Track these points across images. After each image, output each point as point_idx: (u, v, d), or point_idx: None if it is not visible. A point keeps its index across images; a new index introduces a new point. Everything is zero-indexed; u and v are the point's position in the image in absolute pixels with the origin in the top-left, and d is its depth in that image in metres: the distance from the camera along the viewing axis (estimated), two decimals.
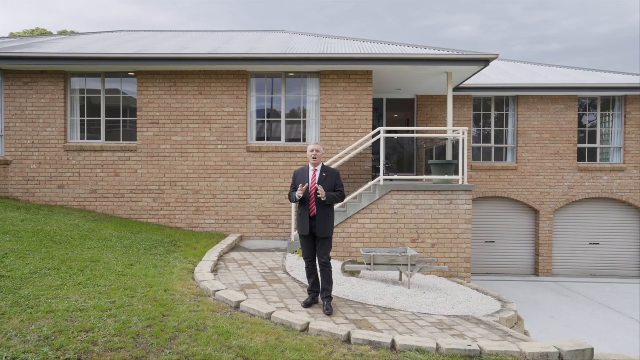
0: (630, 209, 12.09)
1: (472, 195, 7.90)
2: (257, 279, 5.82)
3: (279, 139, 9.30)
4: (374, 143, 8.81)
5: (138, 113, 9.21)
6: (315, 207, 4.74)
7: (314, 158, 4.82)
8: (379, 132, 8.00)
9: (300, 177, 4.89)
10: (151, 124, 9.19)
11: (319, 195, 4.66)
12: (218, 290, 4.81)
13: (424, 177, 8.25)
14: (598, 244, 12.22)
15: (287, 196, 5.07)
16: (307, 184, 4.72)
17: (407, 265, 6.39)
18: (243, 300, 4.55)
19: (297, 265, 6.83)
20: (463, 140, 7.92)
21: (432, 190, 7.83)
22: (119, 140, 9.43)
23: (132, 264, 5.76)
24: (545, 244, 12.00)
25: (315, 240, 4.83)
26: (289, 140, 9.32)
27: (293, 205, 7.96)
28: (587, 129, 12.15)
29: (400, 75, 9.63)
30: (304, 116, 9.30)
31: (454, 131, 8.86)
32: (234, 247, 8.15)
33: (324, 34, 11.70)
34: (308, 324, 4.12)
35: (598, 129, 12.18)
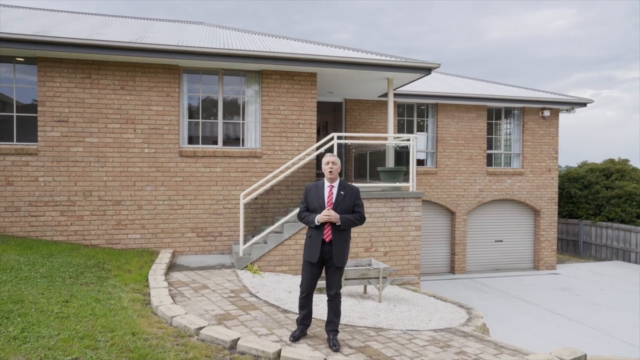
0: (527, 208, 13.52)
1: (421, 201, 7.96)
2: (227, 306, 5.06)
3: (215, 142, 8.41)
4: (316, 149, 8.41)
5: (39, 108, 7.58)
6: (332, 231, 4.02)
7: (330, 172, 4.07)
8: (332, 138, 7.66)
9: (313, 194, 4.11)
10: (58, 122, 7.63)
11: (331, 221, 3.96)
12: (201, 328, 4.01)
13: (376, 184, 8.12)
14: (502, 241, 13.44)
15: (297, 216, 4.26)
16: (323, 207, 4.05)
17: (378, 278, 6.16)
18: (238, 339, 3.84)
19: (258, 284, 6.17)
20: (413, 147, 7.96)
21: (385, 198, 7.73)
22: (12, 140, 7.66)
23: (66, 300, 4.59)
24: (460, 243, 12.83)
25: (325, 268, 4.14)
26: (226, 143, 8.48)
27: (241, 214, 7.22)
28: (493, 136, 13.28)
29: (338, 78, 9.38)
30: (243, 118, 8.55)
31: (395, 137, 8.91)
32: (172, 266, 7.13)
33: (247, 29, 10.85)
34: None
35: (502, 136, 13.40)
